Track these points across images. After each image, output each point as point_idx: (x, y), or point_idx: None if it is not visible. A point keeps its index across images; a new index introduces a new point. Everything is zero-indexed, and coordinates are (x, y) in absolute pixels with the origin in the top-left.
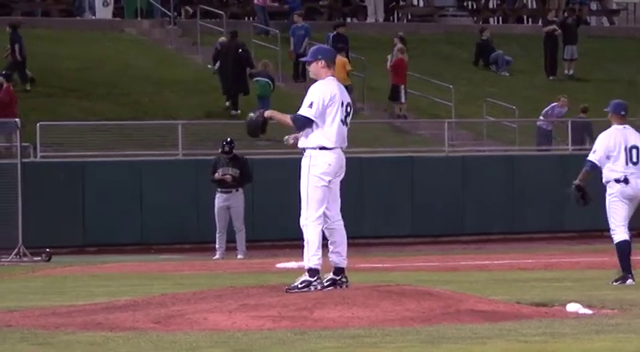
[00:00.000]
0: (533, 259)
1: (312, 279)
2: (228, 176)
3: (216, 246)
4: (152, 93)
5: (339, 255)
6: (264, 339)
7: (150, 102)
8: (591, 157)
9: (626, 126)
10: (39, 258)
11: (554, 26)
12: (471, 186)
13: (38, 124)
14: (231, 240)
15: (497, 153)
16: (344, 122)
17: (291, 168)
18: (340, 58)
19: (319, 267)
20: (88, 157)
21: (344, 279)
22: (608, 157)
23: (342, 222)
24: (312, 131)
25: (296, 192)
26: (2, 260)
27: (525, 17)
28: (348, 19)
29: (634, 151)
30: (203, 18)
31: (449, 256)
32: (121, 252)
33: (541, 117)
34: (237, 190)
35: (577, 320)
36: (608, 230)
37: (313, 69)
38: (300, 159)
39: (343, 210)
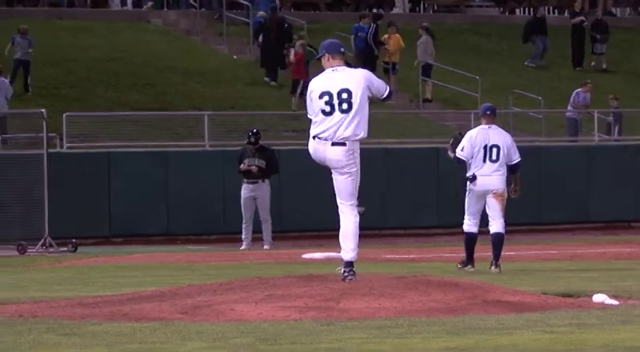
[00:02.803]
0: (558, 250)
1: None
2: (254, 167)
3: (243, 236)
4: (178, 84)
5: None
6: (291, 330)
7: (176, 92)
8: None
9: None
10: (65, 249)
11: (581, 17)
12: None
13: (64, 115)
14: (257, 230)
15: (523, 144)
16: (327, 112)
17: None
18: (394, 36)
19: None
20: (115, 148)
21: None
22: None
23: (348, 214)
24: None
25: (322, 183)
26: (29, 250)
27: (552, 8)
28: (374, 10)
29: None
30: (229, 9)
31: (475, 247)
32: (148, 243)
33: (569, 107)
34: (263, 181)
35: (603, 310)
36: (633, 221)
37: (323, 64)
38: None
39: (371, 201)
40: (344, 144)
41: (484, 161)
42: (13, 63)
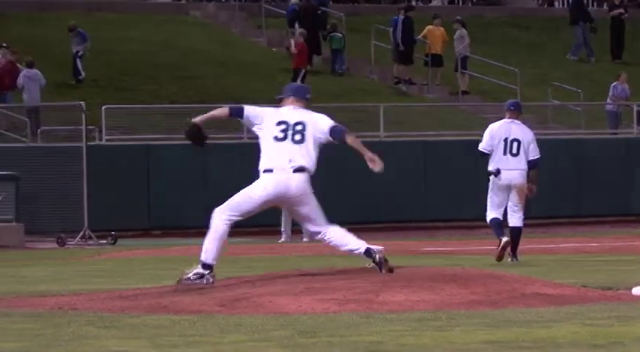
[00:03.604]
0: (598, 242)
1: (205, 272)
2: None
3: (282, 229)
4: (217, 77)
5: (351, 251)
6: (330, 322)
7: (215, 85)
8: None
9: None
10: (104, 242)
11: (620, 10)
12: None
13: (103, 108)
14: (297, 222)
15: (563, 137)
16: (279, 139)
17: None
18: (437, 28)
19: (214, 263)
20: (154, 140)
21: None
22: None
23: (326, 232)
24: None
25: (361, 175)
26: (68, 243)
27: (591, 0)
28: (413, 3)
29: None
30: (268, 1)
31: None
32: (186, 236)
33: (608, 100)
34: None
35: None
36: None
37: (285, 104)
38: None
39: (410, 193)
40: (304, 170)
41: (504, 154)
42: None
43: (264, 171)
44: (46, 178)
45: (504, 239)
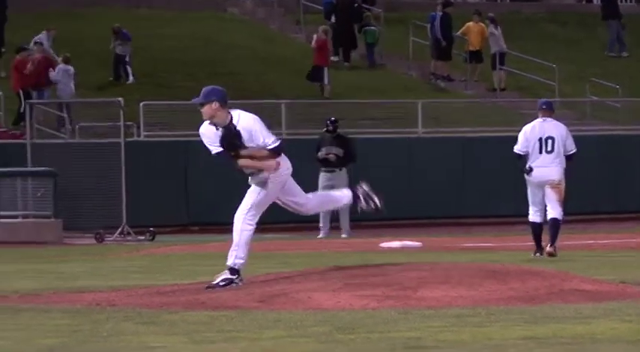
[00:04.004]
0: (637, 239)
1: (233, 277)
2: (331, 155)
3: (321, 225)
4: (255, 73)
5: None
6: (368, 318)
7: (253, 81)
8: None
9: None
10: (143, 237)
11: None
12: (574, 166)
13: (141, 104)
14: (335, 219)
15: (601, 133)
16: None
17: (394, 149)
18: (476, 24)
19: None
20: (192, 136)
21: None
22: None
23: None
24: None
25: (400, 172)
26: (106, 239)
27: None
28: None
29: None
30: None
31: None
32: (225, 232)
33: None
34: (340, 169)
35: None
36: None
37: (207, 111)
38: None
39: (447, 190)
40: None
41: (540, 153)
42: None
43: None
44: (84, 174)
45: (537, 254)
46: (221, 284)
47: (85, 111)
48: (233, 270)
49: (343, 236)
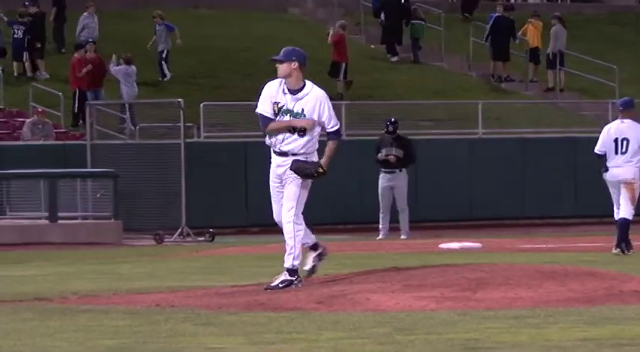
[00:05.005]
0: None
1: (293, 278)
2: (391, 156)
3: (380, 226)
4: (315, 73)
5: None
6: (428, 319)
7: (313, 81)
8: None
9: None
10: (202, 239)
11: None
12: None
13: (202, 105)
14: (394, 220)
15: None
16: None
17: (454, 150)
18: (535, 25)
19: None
20: (251, 137)
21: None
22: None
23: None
24: (313, 136)
25: (459, 173)
26: (166, 240)
27: None
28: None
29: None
30: None
31: (612, 237)
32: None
33: None
34: (400, 170)
35: None
36: None
37: (284, 69)
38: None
39: (507, 191)
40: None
41: (615, 153)
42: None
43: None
44: (144, 175)
45: (615, 251)
46: (280, 286)
47: (143, 111)
48: (292, 272)
49: (402, 237)
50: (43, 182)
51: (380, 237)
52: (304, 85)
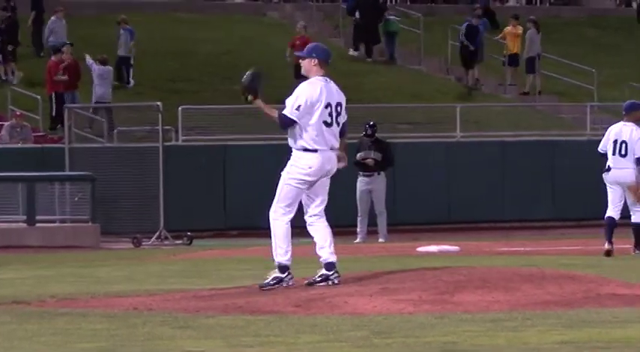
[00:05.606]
0: None
1: (282, 275)
2: (370, 159)
3: (358, 229)
4: (294, 77)
5: (325, 250)
6: (405, 323)
7: (291, 85)
8: None
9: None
10: (180, 242)
11: None
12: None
13: (180, 108)
14: (372, 223)
15: None
16: (329, 123)
17: (432, 153)
18: (514, 29)
19: (289, 263)
20: (230, 140)
21: (336, 274)
22: None
23: (323, 219)
24: (297, 132)
25: (438, 176)
26: (144, 243)
27: None
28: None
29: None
30: (345, 0)
31: (590, 240)
32: (263, 236)
33: None
34: (379, 174)
35: None
36: None
37: (306, 65)
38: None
39: (485, 194)
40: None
41: (613, 154)
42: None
43: (310, 150)
44: (122, 178)
45: (606, 246)
46: (271, 283)
47: (121, 114)
48: (281, 268)
49: (380, 240)
50: (21, 185)
51: (358, 240)
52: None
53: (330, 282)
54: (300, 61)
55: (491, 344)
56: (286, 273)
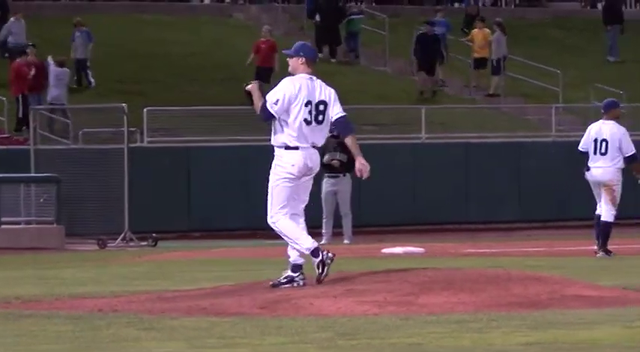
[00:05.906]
0: None
1: (294, 275)
2: (335, 161)
3: (323, 231)
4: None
5: (295, 252)
6: (370, 324)
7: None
8: None
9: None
10: (145, 243)
11: None
12: (578, 172)
13: (145, 109)
14: (337, 225)
15: None
16: (308, 121)
17: (397, 155)
18: (481, 31)
19: (301, 262)
20: (195, 142)
21: (301, 276)
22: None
23: (302, 220)
24: (278, 129)
25: (403, 178)
26: (109, 245)
27: (632, 1)
28: (456, 5)
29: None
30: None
31: (556, 242)
32: (227, 237)
33: None
34: (344, 175)
35: None
36: None
37: (293, 64)
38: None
39: (451, 196)
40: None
41: (594, 153)
42: (74, 64)
43: (291, 148)
44: (87, 180)
45: (595, 247)
46: (283, 281)
47: (87, 116)
48: (294, 267)
49: (345, 242)
50: None
51: (323, 241)
52: (310, 78)
53: (295, 284)
54: (288, 59)
55: (456, 346)
56: (298, 273)
